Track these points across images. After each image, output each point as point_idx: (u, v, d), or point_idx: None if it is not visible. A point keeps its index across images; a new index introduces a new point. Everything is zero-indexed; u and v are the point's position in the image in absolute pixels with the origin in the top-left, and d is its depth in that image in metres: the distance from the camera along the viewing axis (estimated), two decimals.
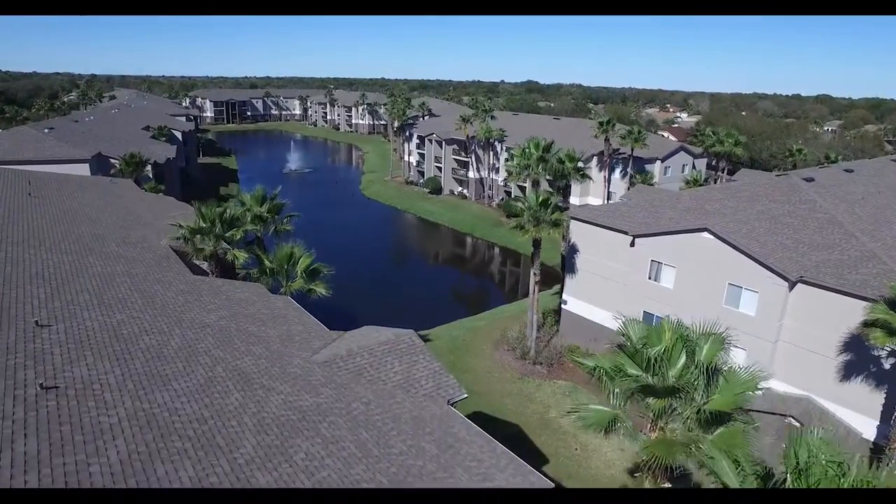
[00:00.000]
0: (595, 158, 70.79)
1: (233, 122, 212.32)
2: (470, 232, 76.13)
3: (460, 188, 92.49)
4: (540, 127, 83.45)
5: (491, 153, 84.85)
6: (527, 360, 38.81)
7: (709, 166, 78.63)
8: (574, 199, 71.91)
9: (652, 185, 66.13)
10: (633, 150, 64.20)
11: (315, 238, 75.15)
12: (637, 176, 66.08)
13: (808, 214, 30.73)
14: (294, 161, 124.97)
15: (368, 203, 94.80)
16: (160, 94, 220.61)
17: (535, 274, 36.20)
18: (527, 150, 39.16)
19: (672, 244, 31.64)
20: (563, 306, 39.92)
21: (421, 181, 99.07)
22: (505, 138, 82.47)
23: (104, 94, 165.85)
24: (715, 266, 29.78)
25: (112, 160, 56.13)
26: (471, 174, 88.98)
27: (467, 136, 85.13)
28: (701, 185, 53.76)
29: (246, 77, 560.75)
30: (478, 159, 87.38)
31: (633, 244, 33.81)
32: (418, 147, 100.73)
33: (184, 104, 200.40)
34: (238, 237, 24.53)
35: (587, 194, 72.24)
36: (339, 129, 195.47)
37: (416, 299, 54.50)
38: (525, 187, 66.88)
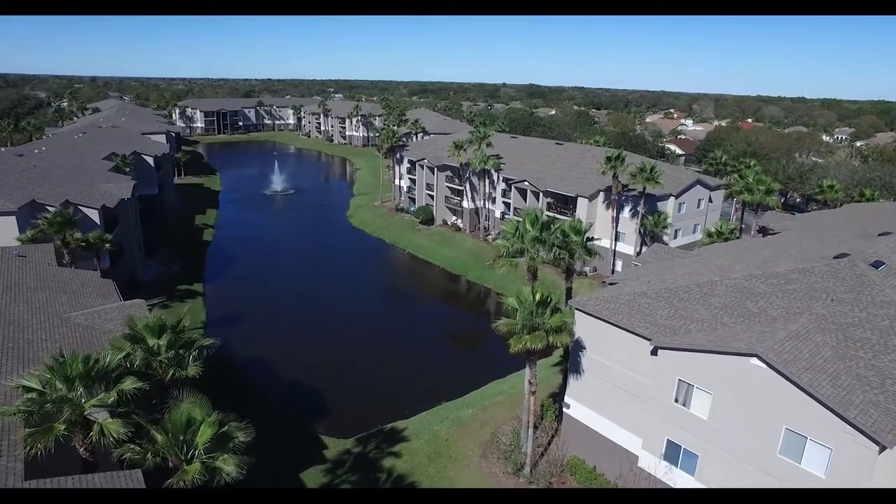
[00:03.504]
0: (602, 195, 63.52)
1: (224, 133, 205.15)
2: (462, 273, 68.79)
3: (454, 218, 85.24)
4: (541, 155, 76.34)
5: (487, 182, 77.65)
6: (520, 476, 31.64)
7: (726, 196, 71.33)
8: None
9: (666, 227, 58.89)
10: (644, 188, 56.88)
11: (283, 283, 68.76)
12: (649, 217, 58.70)
13: (890, 326, 23.43)
14: (280, 180, 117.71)
15: (354, 234, 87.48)
16: (150, 105, 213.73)
17: (530, 383, 28.95)
18: (520, 228, 31.91)
19: (708, 364, 24.36)
20: (565, 410, 32.66)
21: (412, 208, 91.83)
22: (502, 166, 75.27)
23: (87, 107, 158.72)
24: (767, 402, 22.52)
25: (48, 208, 49.02)
26: (465, 203, 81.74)
27: (461, 163, 77.88)
28: (727, 237, 46.43)
29: (246, 80, 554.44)
30: (472, 188, 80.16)
31: (655, 353, 26.56)
32: (409, 172, 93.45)
33: (174, 115, 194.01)
34: (111, 399, 17.37)
35: (592, 233, 64.84)
36: (332, 140, 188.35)
37: (394, 370, 47.17)
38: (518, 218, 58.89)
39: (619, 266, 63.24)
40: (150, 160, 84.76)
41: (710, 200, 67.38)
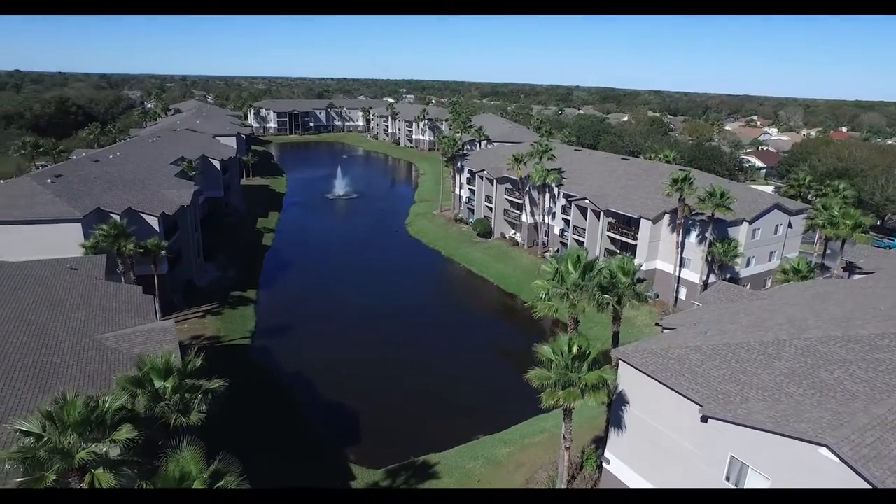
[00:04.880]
0: (667, 217, 59.50)
1: (295, 133, 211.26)
2: (517, 292, 66.22)
3: (512, 232, 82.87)
4: (605, 170, 72.78)
5: (547, 196, 74.86)
6: None
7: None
8: (639, 261, 60.84)
9: (736, 255, 54.28)
10: (713, 214, 52.60)
11: (334, 293, 68.37)
12: (718, 244, 54.28)
13: None
14: (343, 184, 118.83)
15: (410, 244, 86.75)
16: (228, 105, 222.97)
17: (564, 438, 26.61)
18: (561, 270, 29.34)
19: (766, 443, 21.27)
20: (604, 465, 30.01)
21: (471, 219, 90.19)
22: (563, 181, 72.28)
23: (170, 108, 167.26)
24: None
25: (112, 215, 50.80)
26: (524, 217, 79.22)
27: (520, 176, 75.47)
28: (805, 275, 41.82)
29: (322, 79, 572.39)
30: (532, 202, 77.57)
31: (705, 420, 23.63)
32: (469, 182, 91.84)
33: (249, 116, 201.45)
34: (105, 449, 16.75)
35: (655, 257, 61.06)
36: (399, 143, 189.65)
37: (435, 393, 45.71)
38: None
39: (682, 294, 59.06)
40: (217, 164, 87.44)
41: (790, 226, 61.77)
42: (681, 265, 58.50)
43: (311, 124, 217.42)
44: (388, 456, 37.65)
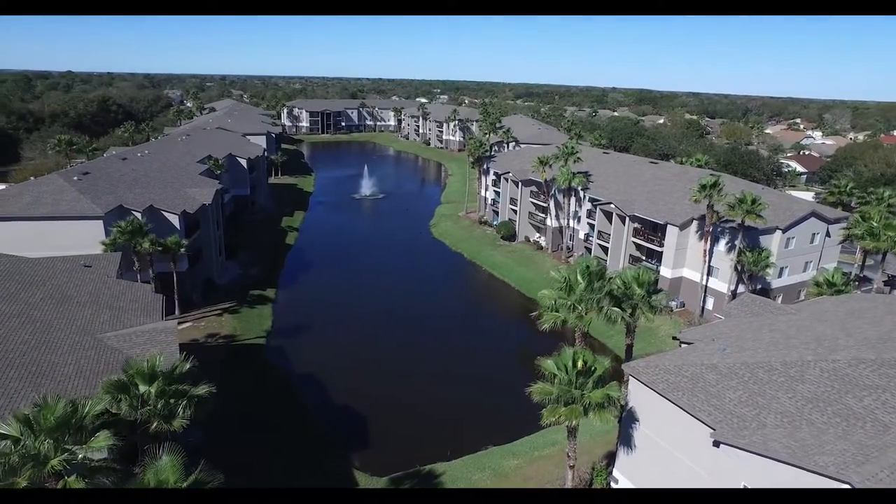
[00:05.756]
0: (695, 223, 57.20)
1: (327, 132, 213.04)
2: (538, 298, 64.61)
3: (537, 235, 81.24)
4: (633, 174, 70.60)
5: (573, 199, 73.09)
6: None
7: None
8: (665, 270, 58.84)
9: (767, 265, 51.77)
10: (743, 221, 50.22)
11: (352, 295, 67.74)
12: (748, 253, 51.84)
13: None
14: (370, 184, 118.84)
15: (433, 245, 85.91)
16: (262, 104, 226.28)
17: (568, 456, 25.29)
18: (570, 280, 27.88)
19: (783, 475, 19.61)
20: (612, 484, 28.53)
21: (495, 222, 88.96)
22: (589, 185, 70.43)
23: (205, 106, 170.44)
24: None
25: (133, 213, 51.38)
26: (549, 221, 77.54)
27: (545, 179, 73.89)
28: (839, 289, 39.30)
29: (357, 79, 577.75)
30: (557, 205, 75.86)
31: (717, 445, 22.05)
32: (494, 184, 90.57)
33: (282, 115, 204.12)
34: (80, 457, 16.28)
35: (682, 265, 58.80)
36: (429, 144, 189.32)
37: (447, 400, 44.72)
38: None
39: (710, 304, 56.69)
40: (244, 162, 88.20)
41: (828, 235, 58.70)
42: (708, 274, 56.15)
43: (343, 124, 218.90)
44: (394, 462, 36.84)
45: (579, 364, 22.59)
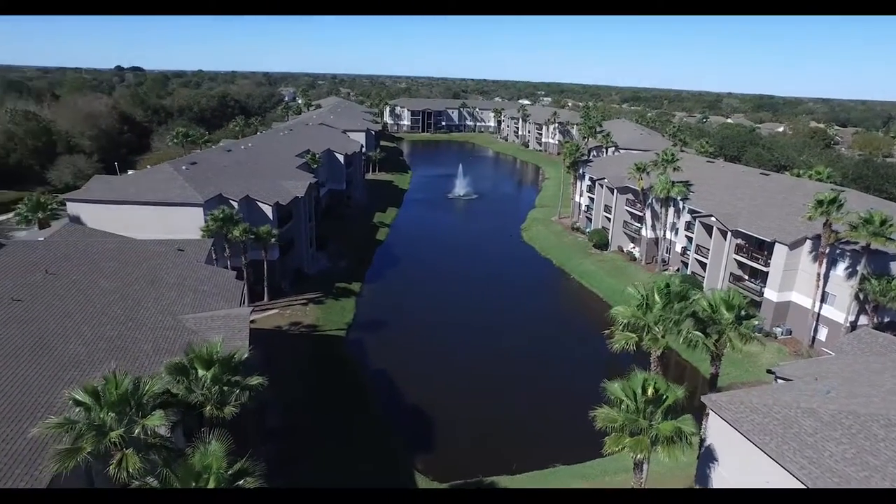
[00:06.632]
0: (809, 243, 51.56)
1: (427, 131, 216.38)
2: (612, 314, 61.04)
3: (631, 246, 77.25)
4: (739, 186, 65.05)
5: (671, 210, 68.70)
6: None
7: None
8: (770, 293, 53.60)
9: None
10: (869, 244, 44.45)
11: (437, 294, 67.48)
12: (873, 280, 45.86)
13: None
14: (465, 184, 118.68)
15: (522, 249, 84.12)
16: (366, 102, 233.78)
17: None
18: (646, 300, 25.45)
19: None
20: None
21: (588, 229, 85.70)
22: (690, 195, 65.78)
23: (312, 103, 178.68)
24: None
25: (231, 202, 54.24)
26: (644, 231, 73.43)
27: (642, 188, 69.96)
28: None
29: (462, 79, 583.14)
30: (654, 215, 71.59)
31: None
32: (589, 190, 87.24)
33: (384, 113, 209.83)
34: (137, 430, 16.79)
35: (790, 288, 53.22)
36: (528, 146, 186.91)
37: (521, 409, 43.19)
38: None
39: (822, 334, 50.86)
40: (341, 158, 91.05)
41: None
42: (822, 300, 50.38)
43: (443, 123, 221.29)
44: (458, 468, 36.02)
45: (649, 391, 20.49)
